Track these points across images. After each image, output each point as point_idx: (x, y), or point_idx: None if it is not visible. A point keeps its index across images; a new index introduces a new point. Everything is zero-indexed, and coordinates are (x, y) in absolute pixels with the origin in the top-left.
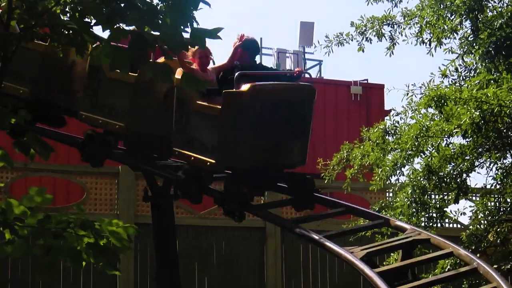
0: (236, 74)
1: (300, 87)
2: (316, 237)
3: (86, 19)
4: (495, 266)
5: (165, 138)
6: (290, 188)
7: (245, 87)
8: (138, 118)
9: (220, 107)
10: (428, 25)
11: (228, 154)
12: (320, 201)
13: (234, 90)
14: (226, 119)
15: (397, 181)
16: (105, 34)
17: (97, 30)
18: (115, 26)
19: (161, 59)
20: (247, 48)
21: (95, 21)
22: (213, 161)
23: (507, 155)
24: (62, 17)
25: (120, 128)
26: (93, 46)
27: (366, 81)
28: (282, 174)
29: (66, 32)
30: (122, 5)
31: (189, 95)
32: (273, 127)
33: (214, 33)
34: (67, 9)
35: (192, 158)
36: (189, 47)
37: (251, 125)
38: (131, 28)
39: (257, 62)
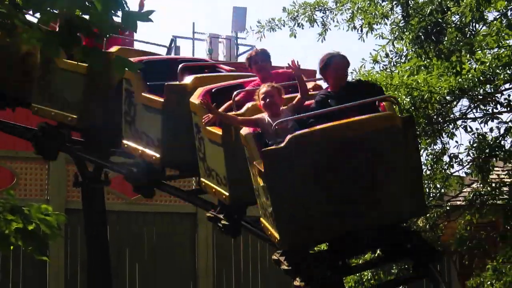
0: (274, 124)
1: (372, 120)
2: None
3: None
4: None
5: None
6: (408, 253)
7: (286, 139)
8: None
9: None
10: (359, 11)
11: (290, 227)
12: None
13: (273, 146)
14: (273, 187)
15: None
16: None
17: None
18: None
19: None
20: (323, 71)
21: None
22: (279, 237)
23: (437, 141)
24: None
25: None
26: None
27: None
28: (382, 234)
29: None
30: None
31: (250, 153)
32: (343, 180)
33: (145, 16)
34: None
35: (269, 232)
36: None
37: (307, 186)
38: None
39: (353, 79)
